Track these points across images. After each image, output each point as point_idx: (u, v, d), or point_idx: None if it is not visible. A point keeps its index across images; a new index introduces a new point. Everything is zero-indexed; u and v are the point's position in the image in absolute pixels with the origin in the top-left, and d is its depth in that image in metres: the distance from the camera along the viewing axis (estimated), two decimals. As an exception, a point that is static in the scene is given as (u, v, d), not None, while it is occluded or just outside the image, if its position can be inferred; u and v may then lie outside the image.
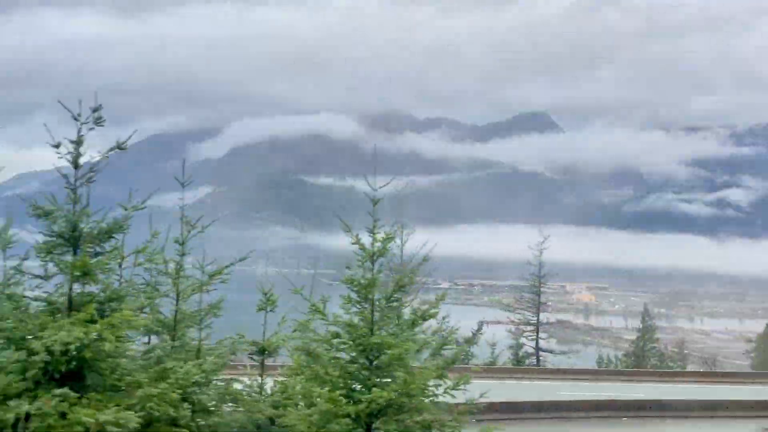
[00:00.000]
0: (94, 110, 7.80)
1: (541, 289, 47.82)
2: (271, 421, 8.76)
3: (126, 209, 8.22)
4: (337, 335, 8.81)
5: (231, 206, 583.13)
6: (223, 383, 8.76)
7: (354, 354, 8.60)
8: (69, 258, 7.52)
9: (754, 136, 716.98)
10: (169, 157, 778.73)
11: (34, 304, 7.45)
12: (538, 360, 45.51)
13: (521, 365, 42.95)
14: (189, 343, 9.36)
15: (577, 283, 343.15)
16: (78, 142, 7.83)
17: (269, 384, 9.99)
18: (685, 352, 65.00)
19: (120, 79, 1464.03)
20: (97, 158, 7.99)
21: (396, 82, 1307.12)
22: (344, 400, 7.71)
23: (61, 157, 7.82)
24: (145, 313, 8.53)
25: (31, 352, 6.49)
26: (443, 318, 10.18)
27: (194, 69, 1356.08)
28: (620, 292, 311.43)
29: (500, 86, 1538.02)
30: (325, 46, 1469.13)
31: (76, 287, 7.49)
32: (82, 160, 7.87)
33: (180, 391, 7.22)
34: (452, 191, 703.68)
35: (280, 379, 9.85)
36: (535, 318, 46.93)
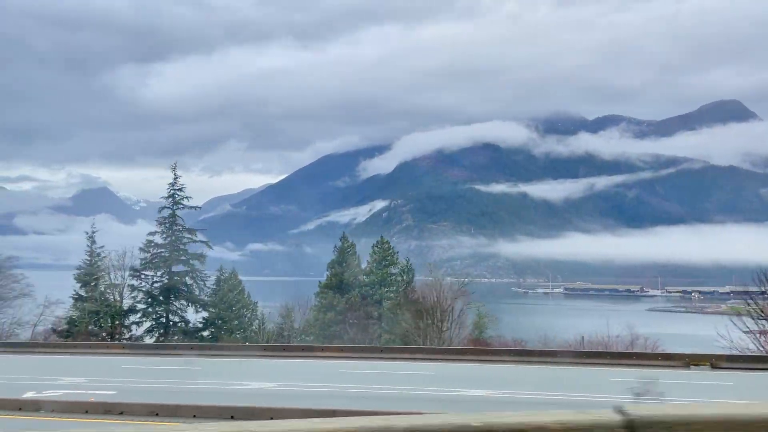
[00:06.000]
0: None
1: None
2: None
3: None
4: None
5: (406, 218, 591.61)
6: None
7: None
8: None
9: None
10: (340, 175, 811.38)
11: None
12: None
13: None
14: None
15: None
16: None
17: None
18: None
19: (297, 105, 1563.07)
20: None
21: (564, 83, 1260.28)
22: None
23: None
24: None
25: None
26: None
27: (365, 89, 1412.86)
28: None
29: (680, 77, 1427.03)
30: (493, 54, 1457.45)
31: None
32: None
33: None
34: (636, 191, 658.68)
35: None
36: None
